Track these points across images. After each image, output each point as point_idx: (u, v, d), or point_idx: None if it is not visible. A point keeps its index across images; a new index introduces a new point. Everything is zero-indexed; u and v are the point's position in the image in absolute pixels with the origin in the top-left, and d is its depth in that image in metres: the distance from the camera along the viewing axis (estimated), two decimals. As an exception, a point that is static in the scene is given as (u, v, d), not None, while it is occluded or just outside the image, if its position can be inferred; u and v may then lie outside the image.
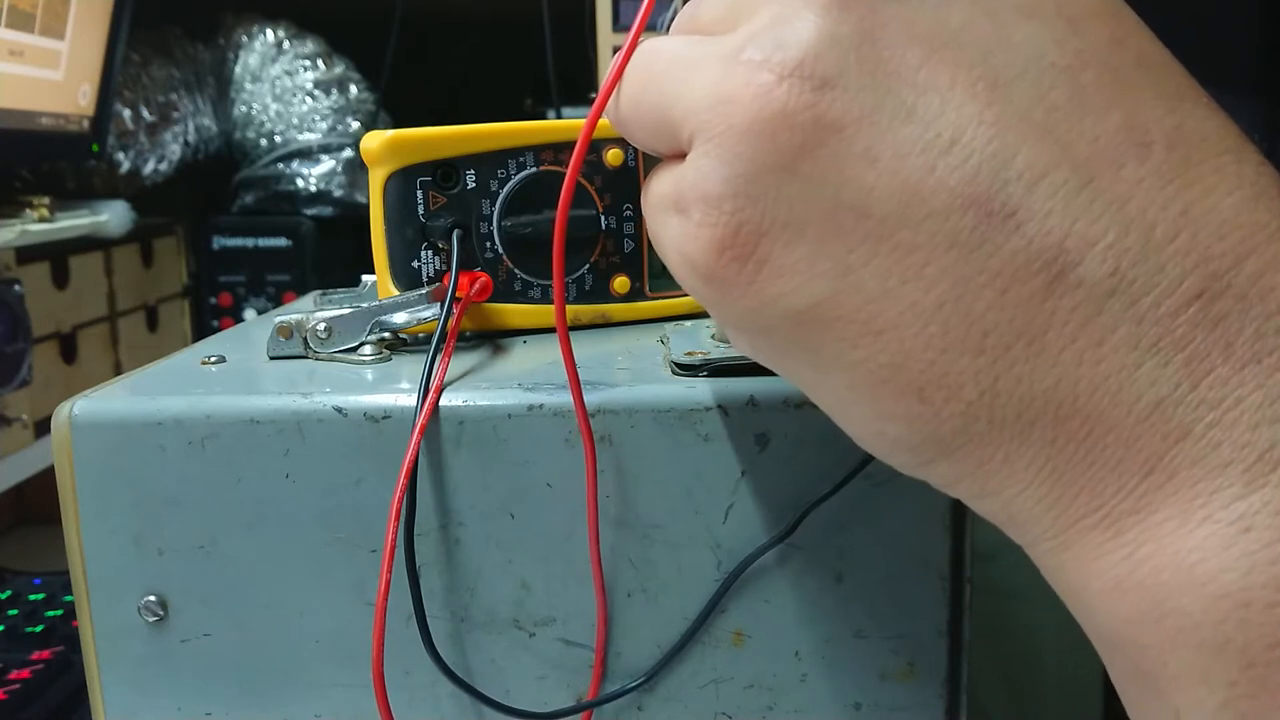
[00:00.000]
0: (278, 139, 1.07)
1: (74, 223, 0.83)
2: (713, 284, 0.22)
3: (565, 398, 0.30)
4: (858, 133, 0.20)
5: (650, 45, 0.25)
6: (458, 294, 0.34)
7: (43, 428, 0.79)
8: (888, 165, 0.20)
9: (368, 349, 0.34)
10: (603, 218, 0.37)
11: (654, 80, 0.24)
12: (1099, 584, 0.20)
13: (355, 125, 1.08)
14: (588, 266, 0.37)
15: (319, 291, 0.44)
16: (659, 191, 0.24)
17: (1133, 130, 0.20)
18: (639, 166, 0.37)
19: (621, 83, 0.25)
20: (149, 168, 0.99)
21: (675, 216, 0.23)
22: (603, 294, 0.38)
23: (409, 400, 0.30)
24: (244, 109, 1.07)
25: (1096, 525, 0.20)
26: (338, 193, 1.07)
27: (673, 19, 0.26)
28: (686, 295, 0.39)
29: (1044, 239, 0.19)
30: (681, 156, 0.23)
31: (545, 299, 0.37)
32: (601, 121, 0.26)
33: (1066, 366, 0.19)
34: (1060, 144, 0.19)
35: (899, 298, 0.20)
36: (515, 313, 0.37)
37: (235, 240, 1.06)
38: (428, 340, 0.32)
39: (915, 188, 0.20)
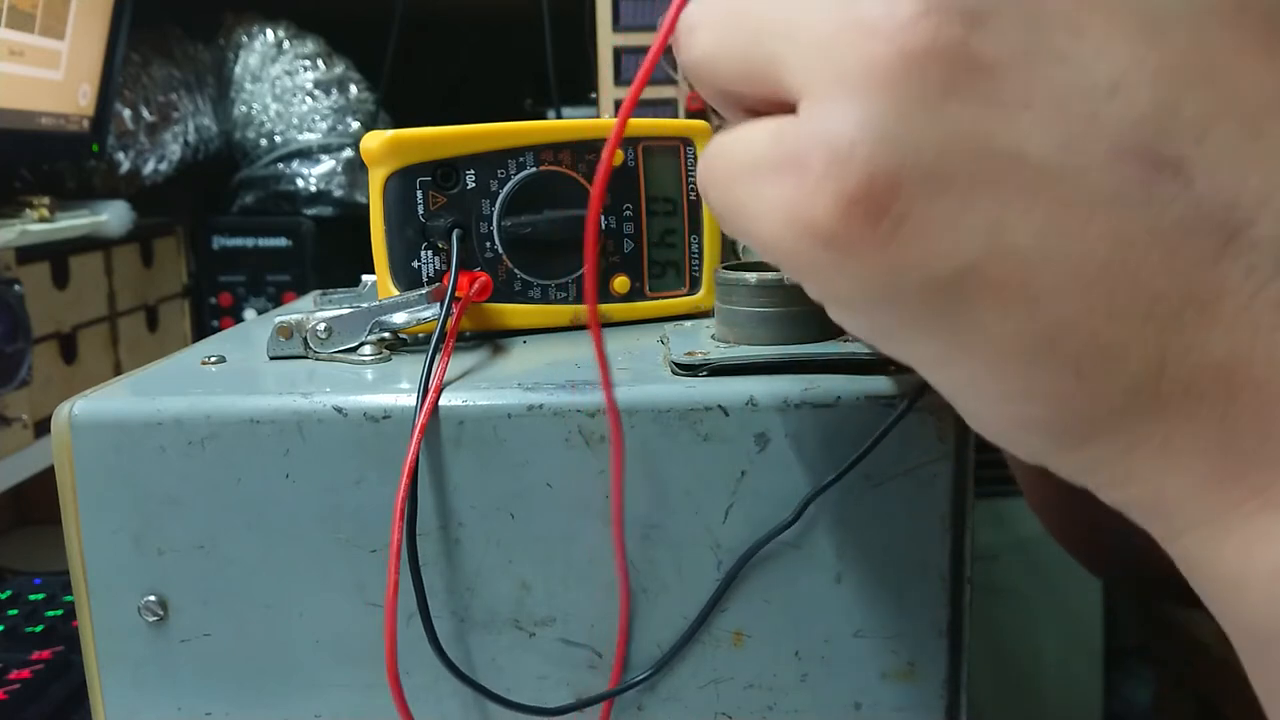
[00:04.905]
0: (278, 139, 1.07)
1: (74, 223, 0.83)
2: (835, 247, 0.19)
3: (565, 397, 0.30)
4: (1011, 74, 0.18)
5: None
6: (458, 294, 0.34)
7: (43, 428, 0.79)
8: (1044, 111, 0.18)
9: (368, 349, 0.34)
10: (603, 217, 0.37)
11: (749, 16, 0.21)
12: (1261, 570, 0.18)
13: (355, 125, 1.08)
14: (588, 266, 0.37)
15: (319, 291, 0.44)
16: (748, 152, 0.21)
17: None
18: (639, 166, 0.37)
19: (696, 22, 0.22)
20: (149, 168, 0.99)
21: (780, 175, 0.20)
22: (603, 294, 0.38)
23: (409, 400, 0.30)
24: (244, 109, 1.07)
25: (1264, 507, 0.18)
26: (338, 193, 1.07)
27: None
28: (686, 295, 0.39)
29: (1215, 195, 0.18)
30: (772, 110, 0.21)
31: (545, 299, 0.37)
32: (601, 121, 0.26)
33: (1240, 334, 0.18)
34: (1225, 93, 0.18)
35: (1059, 258, 0.18)
36: (515, 313, 0.37)
37: (235, 240, 1.06)
38: (428, 340, 0.32)
39: (1076, 136, 0.18)
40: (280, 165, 1.07)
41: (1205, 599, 0.20)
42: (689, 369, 0.31)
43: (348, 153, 1.07)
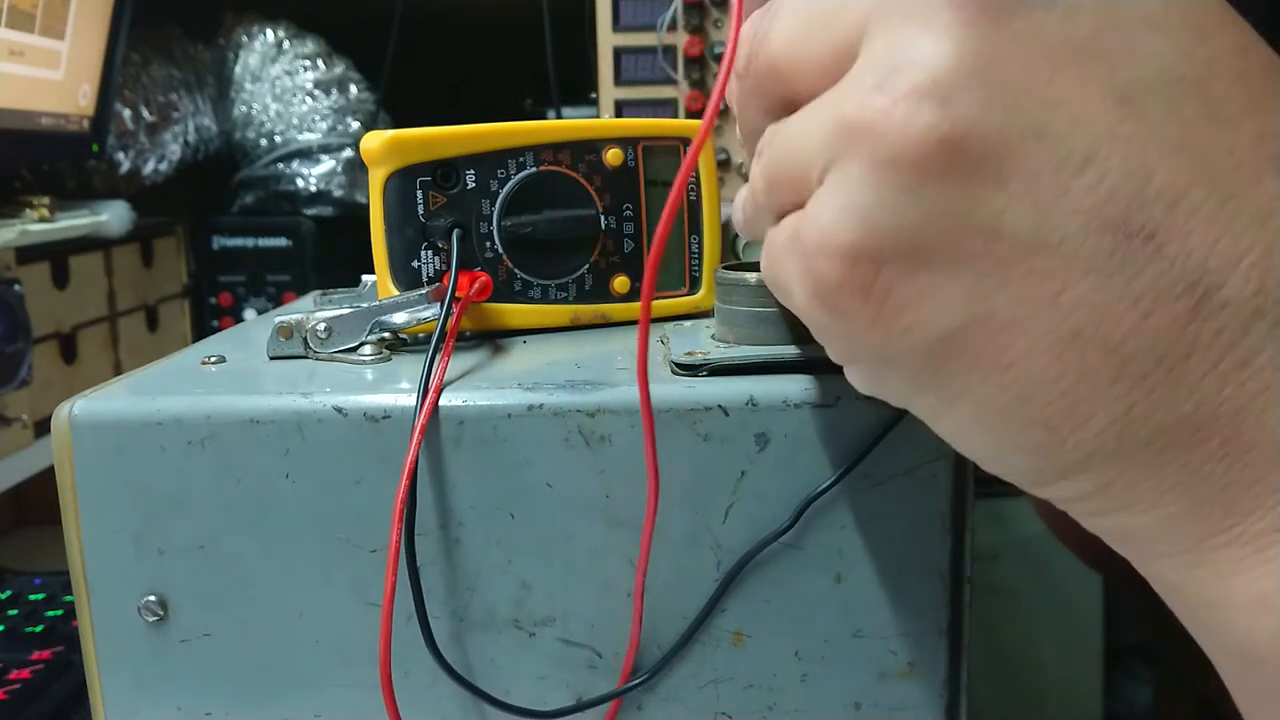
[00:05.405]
0: (278, 139, 1.07)
1: (74, 223, 0.83)
2: (838, 318, 0.21)
3: (565, 397, 0.30)
4: (986, 153, 0.19)
5: (771, 134, 0.24)
6: (458, 294, 0.34)
7: (43, 428, 0.79)
8: (1019, 187, 0.19)
9: (368, 349, 0.34)
10: (603, 217, 0.37)
11: (779, 162, 0.23)
12: (1239, 599, 0.19)
13: (355, 125, 1.08)
14: (587, 266, 0.37)
15: (319, 291, 0.44)
16: (781, 232, 0.23)
17: (1268, 142, 0.19)
18: (639, 166, 0.37)
19: (750, 189, 0.25)
20: (149, 168, 0.99)
21: (793, 255, 0.22)
22: (603, 294, 0.38)
23: (409, 400, 0.30)
24: (244, 109, 1.07)
25: (1231, 543, 0.19)
26: (338, 193, 1.07)
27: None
28: (686, 295, 0.39)
29: (1186, 260, 0.18)
30: None
31: (545, 299, 0.37)
32: (601, 122, 0.26)
33: (1208, 391, 0.18)
34: (1196, 160, 0.19)
35: (1032, 328, 0.19)
36: (515, 313, 0.37)
37: (235, 240, 1.05)
38: (428, 340, 0.32)
39: (1049, 210, 0.19)
40: (280, 165, 1.07)
41: (1182, 618, 0.21)
42: (689, 369, 0.31)
43: (348, 153, 1.07)
